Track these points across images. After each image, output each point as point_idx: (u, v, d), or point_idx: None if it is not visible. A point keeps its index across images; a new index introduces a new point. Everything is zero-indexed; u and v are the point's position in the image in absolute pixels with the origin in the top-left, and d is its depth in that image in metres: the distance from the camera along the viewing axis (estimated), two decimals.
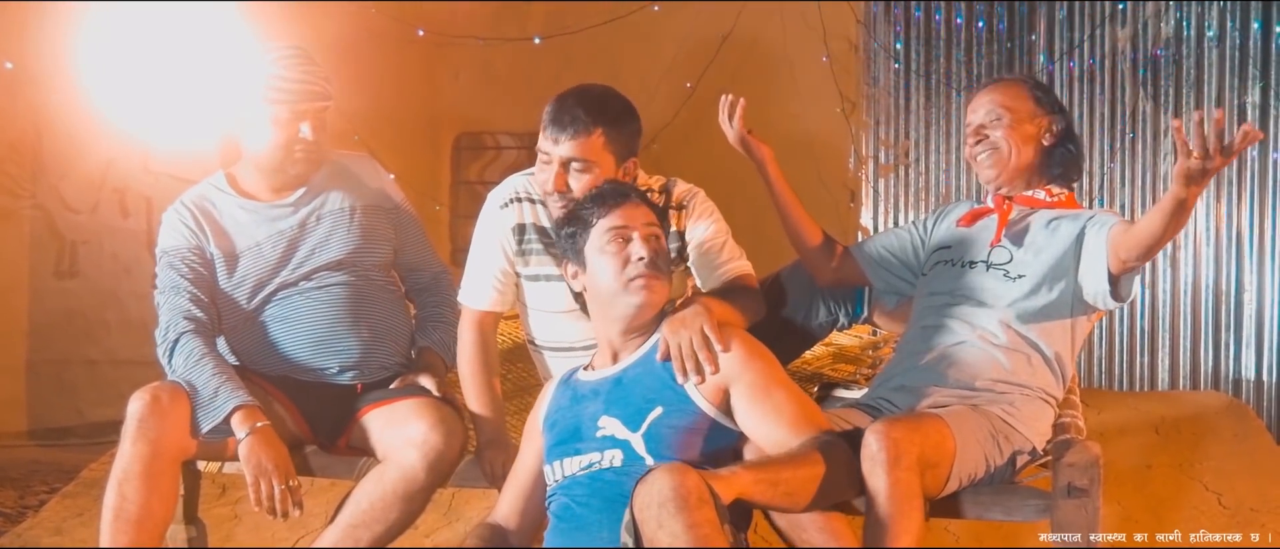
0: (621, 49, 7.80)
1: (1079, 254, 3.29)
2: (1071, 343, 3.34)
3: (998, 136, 3.42)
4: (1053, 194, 3.45)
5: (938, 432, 2.96)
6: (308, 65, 3.49)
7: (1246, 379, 7.17)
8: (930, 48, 7.63)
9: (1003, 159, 3.42)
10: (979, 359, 3.25)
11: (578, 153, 3.26)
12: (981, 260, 3.40)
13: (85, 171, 6.96)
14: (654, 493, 2.57)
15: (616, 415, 2.99)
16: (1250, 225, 7.10)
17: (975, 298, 3.34)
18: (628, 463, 2.92)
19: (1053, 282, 3.30)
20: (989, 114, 3.44)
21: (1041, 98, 3.49)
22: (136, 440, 3.21)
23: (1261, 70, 7.02)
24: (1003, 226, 3.41)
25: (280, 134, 3.49)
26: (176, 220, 3.57)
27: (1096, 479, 2.94)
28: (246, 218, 3.58)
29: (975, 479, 3.08)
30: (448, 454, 3.28)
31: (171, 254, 3.53)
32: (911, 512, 2.82)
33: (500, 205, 3.48)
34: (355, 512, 3.26)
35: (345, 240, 3.62)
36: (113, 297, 7.16)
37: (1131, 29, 7.24)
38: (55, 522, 4.77)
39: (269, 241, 3.57)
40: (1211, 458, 4.98)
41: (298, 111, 3.48)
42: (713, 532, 2.56)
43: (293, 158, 3.53)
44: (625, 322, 3.07)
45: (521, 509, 3.16)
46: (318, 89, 3.50)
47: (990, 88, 3.52)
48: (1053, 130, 3.45)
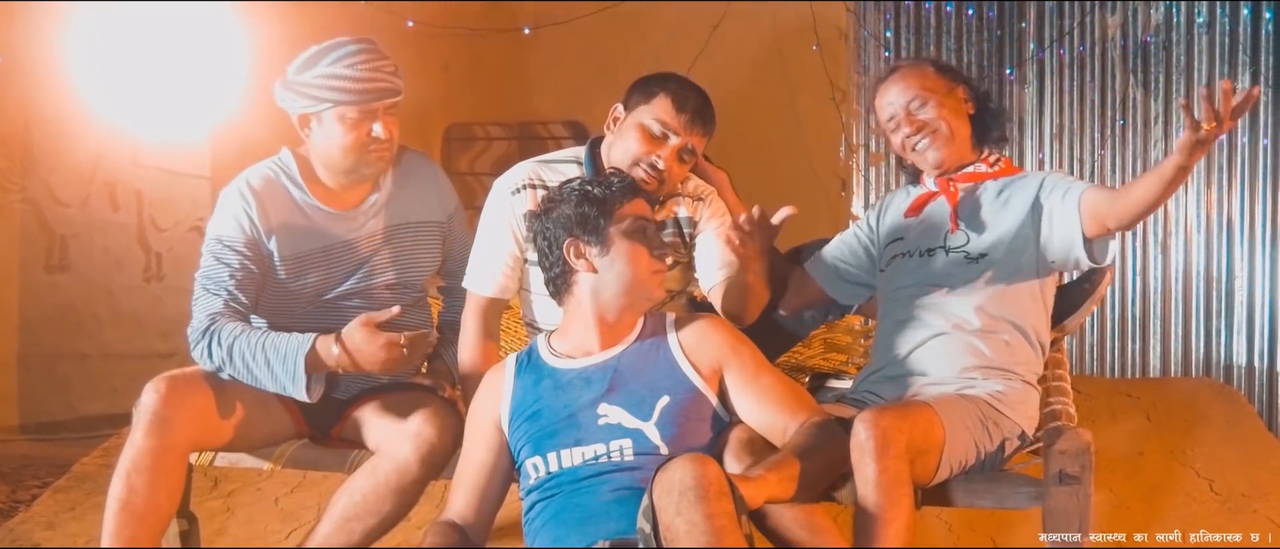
0: (611, 40, 7.79)
1: (1036, 222, 3.28)
2: (1043, 310, 3.34)
3: (932, 117, 3.40)
4: (991, 163, 3.45)
5: (926, 419, 2.97)
6: (376, 61, 3.43)
7: (1237, 365, 7.18)
8: (921, 36, 7.62)
9: (945, 138, 3.41)
10: (957, 349, 3.25)
11: (698, 145, 3.43)
12: (939, 246, 3.38)
13: (75, 165, 6.94)
14: (675, 481, 2.58)
15: (619, 403, 2.99)
16: (1241, 211, 7.10)
17: (941, 285, 3.34)
18: (640, 453, 2.93)
19: (1015, 256, 3.29)
20: (912, 100, 3.42)
21: (946, 71, 3.50)
22: (149, 432, 3.18)
23: (1251, 57, 7.02)
24: (955, 210, 3.40)
25: (351, 135, 3.42)
26: (239, 207, 3.45)
27: (1088, 466, 2.94)
28: (320, 221, 3.52)
29: (966, 466, 3.08)
30: (440, 447, 3.27)
31: (223, 243, 3.42)
32: (901, 500, 2.82)
33: (511, 191, 3.49)
34: (348, 504, 3.26)
35: (404, 261, 3.61)
36: (104, 290, 7.14)
37: (1121, 16, 7.24)
38: (47, 516, 4.76)
39: (337, 250, 3.52)
40: (1203, 444, 4.99)
41: (369, 111, 3.42)
42: (730, 523, 2.58)
43: (366, 159, 3.47)
44: (632, 309, 3.10)
45: (478, 505, 3.12)
46: (387, 85, 3.43)
47: (898, 77, 3.48)
48: (970, 99, 3.47)
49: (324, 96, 3.39)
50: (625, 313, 3.10)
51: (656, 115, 3.38)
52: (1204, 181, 7.14)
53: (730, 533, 2.57)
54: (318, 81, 3.39)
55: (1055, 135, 7.45)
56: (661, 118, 3.38)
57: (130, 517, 3.15)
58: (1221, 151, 7.13)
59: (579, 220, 3.08)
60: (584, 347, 3.12)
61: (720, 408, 3.04)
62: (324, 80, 3.39)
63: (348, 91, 3.38)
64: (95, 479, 4.95)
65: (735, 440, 3.00)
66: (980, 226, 3.36)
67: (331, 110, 3.40)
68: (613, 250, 3.06)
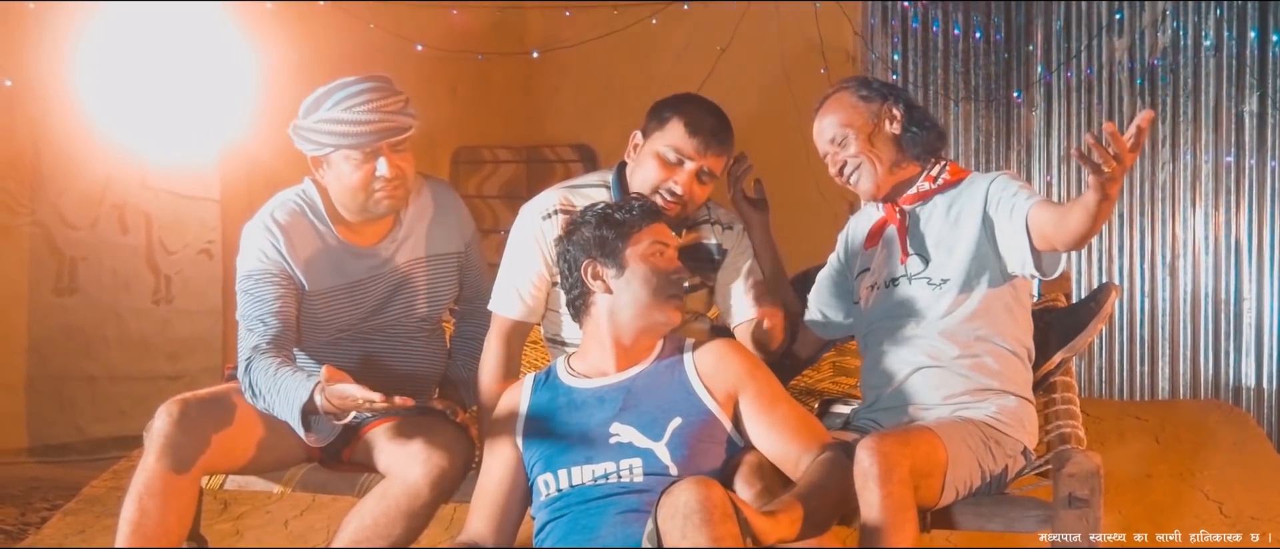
0: (619, 63, 7.81)
1: (991, 235, 3.21)
2: (1020, 317, 3.29)
3: (852, 153, 3.33)
4: (935, 177, 3.36)
5: (928, 442, 2.96)
6: (381, 99, 3.39)
7: (1246, 387, 7.18)
8: (928, 59, 7.64)
9: (870, 171, 3.33)
10: (940, 380, 3.22)
11: (715, 167, 3.42)
12: (901, 275, 3.32)
13: (84, 188, 6.96)
14: (680, 504, 2.58)
15: (631, 423, 3.00)
16: (1249, 234, 7.11)
17: (910, 316, 3.28)
18: (649, 473, 2.93)
19: (977, 275, 3.23)
20: (834, 137, 3.35)
21: (868, 94, 3.38)
22: (161, 455, 3.18)
23: (1259, 79, 7.04)
24: (904, 238, 3.33)
25: (356, 174, 3.40)
26: (265, 241, 3.45)
27: (1097, 489, 2.94)
28: (344, 256, 3.52)
29: (972, 487, 3.08)
30: (451, 471, 3.27)
31: (254, 277, 3.42)
32: (905, 524, 2.81)
33: (542, 216, 3.49)
34: (359, 528, 3.25)
35: (426, 295, 3.61)
36: (112, 312, 7.15)
37: (1129, 38, 7.26)
38: (56, 539, 4.76)
39: (361, 286, 3.53)
40: (1212, 466, 4.98)
41: (372, 151, 3.39)
42: (735, 546, 2.57)
43: (375, 198, 3.44)
44: (648, 332, 3.12)
45: (498, 524, 3.12)
46: (391, 124, 3.40)
47: (821, 112, 3.41)
48: (893, 115, 3.35)
49: (326, 142, 3.39)
50: (642, 335, 3.11)
51: (670, 142, 3.39)
52: (1212, 204, 7.15)
53: None
54: (321, 126, 3.39)
55: (1063, 158, 7.46)
56: (675, 144, 3.38)
57: (141, 539, 3.15)
58: (1229, 174, 7.14)
59: (597, 242, 3.12)
60: (600, 367, 3.14)
61: (734, 432, 3.04)
62: (327, 125, 3.38)
63: (349, 135, 3.37)
64: (104, 502, 4.96)
65: (747, 465, 3.00)
66: (935, 248, 3.29)
67: (336, 153, 3.41)
68: (628, 272, 3.09)
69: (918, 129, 3.35)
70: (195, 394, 3.34)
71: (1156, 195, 7.31)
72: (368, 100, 3.38)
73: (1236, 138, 7.15)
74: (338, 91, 3.40)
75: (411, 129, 3.45)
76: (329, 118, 3.37)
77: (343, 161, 3.41)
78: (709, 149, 3.38)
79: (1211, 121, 7.19)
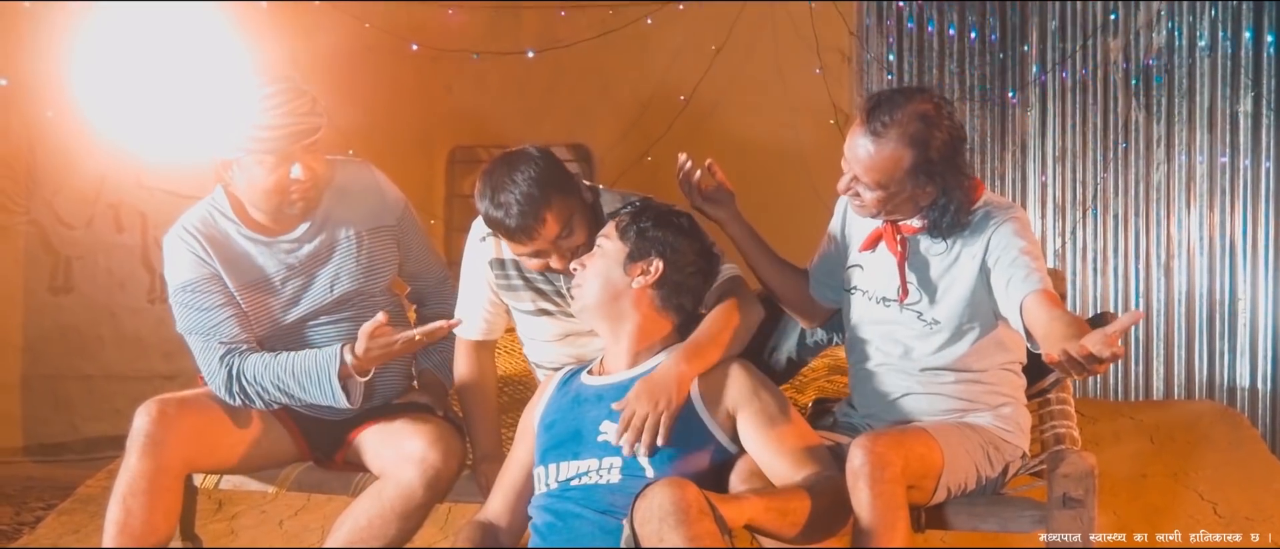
0: (614, 62, 7.81)
1: (987, 284, 3.05)
2: (1011, 338, 3.14)
3: (868, 202, 3.10)
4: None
5: (923, 443, 2.96)
6: (291, 103, 3.29)
7: (1241, 387, 7.18)
8: (923, 58, 7.64)
9: (872, 212, 3.14)
10: (935, 399, 3.17)
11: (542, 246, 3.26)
12: (894, 300, 3.17)
13: (79, 187, 6.96)
14: (654, 507, 2.58)
15: (619, 421, 2.99)
16: (1244, 234, 7.11)
17: (901, 343, 3.18)
18: (626, 474, 2.93)
19: (969, 321, 3.12)
20: (856, 175, 3.08)
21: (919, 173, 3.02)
22: (142, 455, 3.19)
23: (1253, 79, 7.04)
24: (903, 272, 3.15)
25: (270, 178, 3.33)
26: (185, 250, 3.40)
27: (1092, 489, 2.94)
28: (256, 250, 3.45)
29: (966, 490, 3.08)
30: (445, 472, 3.27)
31: (191, 288, 3.38)
32: (896, 523, 2.81)
33: (479, 238, 3.48)
34: (353, 528, 3.26)
35: (353, 272, 3.53)
36: (107, 312, 7.15)
37: (1124, 39, 7.26)
38: (51, 538, 4.77)
39: (279, 277, 3.46)
40: (1206, 466, 4.98)
41: (286, 154, 3.31)
42: (713, 543, 2.57)
43: (288, 200, 3.38)
44: None
45: (513, 506, 3.15)
46: (302, 126, 3.30)
47: (874, 134, 3.01)
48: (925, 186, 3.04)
49: (238, 144, 3.32)
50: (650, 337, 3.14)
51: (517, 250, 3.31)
52: (1207, 204, 7.16)
53: None
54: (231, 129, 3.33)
55: (1058, 158, 7.46)
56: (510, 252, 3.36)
57: (129, 539, 3.17)
58: (1224, 175, 7.14)
59: (645, 236, 3.14)
60: (615, 363, 3.16)
61: (725, 441, 3.02)
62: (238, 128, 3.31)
63: (261, 139, 3.28)
64: (99, 501, 4.95)
65: (744, 467, 2.99)
66: (932, 289, 3.13)
67: (247, 157, 3.33)
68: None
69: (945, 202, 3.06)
70: (177, 393, 3.36)
71: (1151, 196, 7.31)
72: (279, 102, 3.29)
73: (1231, 138, 7.15)
74: (248, 95, 3.31)
75: (320, 129, 3.35)
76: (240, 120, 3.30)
77: (254, 165, 3.33)
78: (517, 240, 3.24)
79: (1206, 122, 7.19)
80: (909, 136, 2.99)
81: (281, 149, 3.29)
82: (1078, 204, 7.40)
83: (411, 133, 8.04)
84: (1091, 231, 7.41)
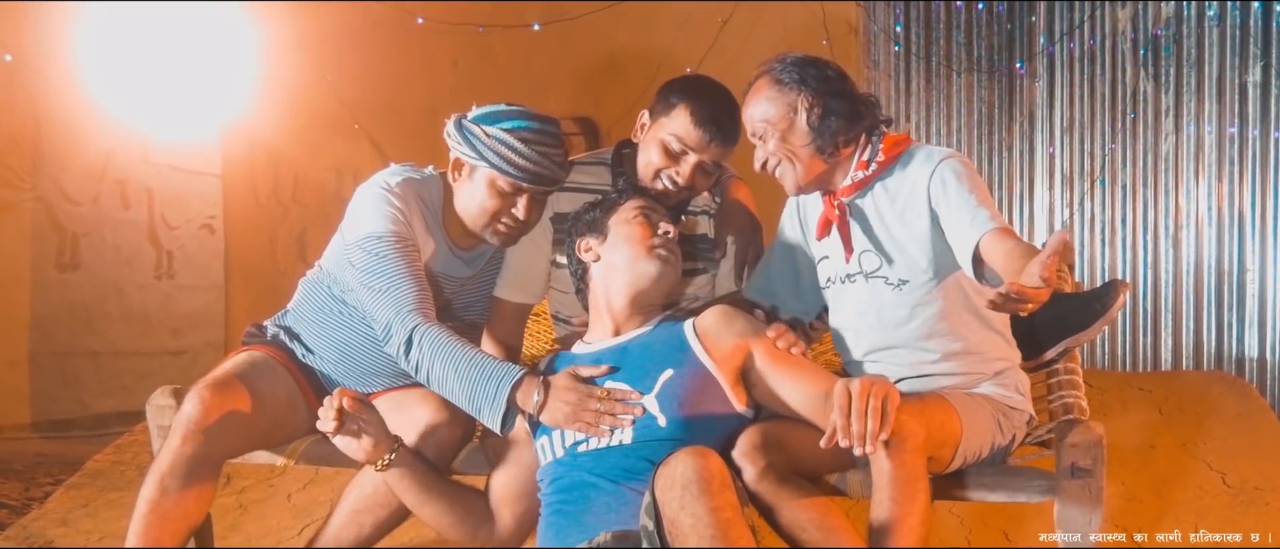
0: (620, 35, 7.80)
1: (942, 232, 3.02)
2: (985, 290, 2.97)
3: (772, 151, 3.12)
4: (867, 164, 3.13)
5: (943, 412, 2.94)
6: (553, 148, 3.30)
7: (1249, 358, 7.18)
8: (930, 30, 7.62)
9: (789, 170, 3.12)
10: (928, 382, 3.14)
11: (721, 159, 3.38)
12: (857, 273, 3.15)
13: (85, 163, 6.96)
14: (676, 475, 2.57)
15: (622, 380, 3.00)
16: (1252, 205, 7.11)
17: (876, 321, 3.14)
18: (639, 428, 2.92)
19: (936, 273, 3.07)
20: (753, 132, 3.15)
21: (783, 82, 3.13)
22: (186, 440, 3.16)
23: (1262, 49, 7.03)
24: (847, 235, 3.15)
25: (492, 201, 3.32)
26: (389, 206, 3.30)
27: (1100, 459, 2.93)
28: (439, 247, 3.43)
29: (980, 458, 3.07)
30: (450, 441, 3.27)
31: (389, 240, 3.27)
32: (917, 495, 2.80)
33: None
34: (359, 496, 3.27)
35: (487, 295, 3.58)
36: (114, 288, 7.17)
37: (1131, 9, 7.24)
38: (61, 513, 4.77)
39: (444, 281, 3.45)
40: (1215, 437, 4.97)
41: (520, 188, 3.30)
42: (735, 516, 2.56)
43: (495, 229, 3.36)
44: (636, 289, 3.12)
45: (517, 478, 3.17)
46: (548, 173, 3.30)
47: (745, 103, 3.17)
48: (808, 106, 3.10)
49: (485, 156, 3.30)
50: (632, 291, 3.13)
51: (675, 131, 3.33)
52: (1215, 175, 7.15)
53: (735, 525, 2.55)
54: (487, 140, 3.30)
55: (1066, 129, 7.45)
56: (679, 134, 3.32)
57: (159, 519, 3.14)
58: (1232, 145, 7.13)
59: (587, 222, 3.23)
60: (600, 333, 3.17)
61: (732, 395, 3.01)
62: (493, 142, 3.29)
63: (510, 163, 3.27)
64: (107, 476, 4.97)
65: (748, 443, 2.95)
66: (889, 249, 3.11)
67: (487, 171, 3.32)
68: (610, 236, 3.17)
69: (834, 118, 3.10)
70: (220, 377, 3.31)
71: (1159, 166, 7.30)
72: (541, 141, 3.29)
73: (1240, 109, 7.14)
74: (519, 117, 3.32)
75: (559, 184, 3.39)
76: (500, 137, 3.29)
77: (485, 182, 3.33)
78: (713, 142, 3.32)
79: (1215, 92, 7.18)
80: (760, 74, 3.18)
81: (519, 183, 3.30)
82: (1086, 175, 7.39)
83: (417, 107, 8.03)
84: (1100, 202, 7.40)
